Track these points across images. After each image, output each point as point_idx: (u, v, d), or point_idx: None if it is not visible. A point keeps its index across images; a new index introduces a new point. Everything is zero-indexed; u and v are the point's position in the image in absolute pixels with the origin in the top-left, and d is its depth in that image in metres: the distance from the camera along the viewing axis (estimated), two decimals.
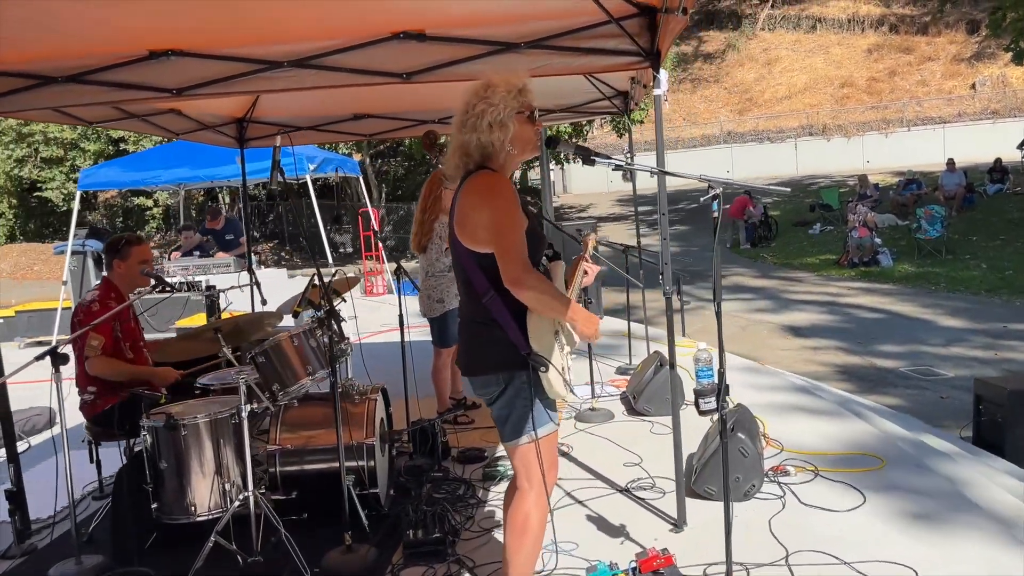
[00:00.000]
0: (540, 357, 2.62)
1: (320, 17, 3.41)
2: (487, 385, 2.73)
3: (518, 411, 2.70)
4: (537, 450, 2.70)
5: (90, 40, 3.50)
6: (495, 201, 2.62)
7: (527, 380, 2.66)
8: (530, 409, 2.68)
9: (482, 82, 2.69)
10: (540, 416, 2.70)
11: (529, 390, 2.67)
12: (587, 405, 5.63)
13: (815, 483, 4.13)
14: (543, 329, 2.67)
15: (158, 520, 3.55)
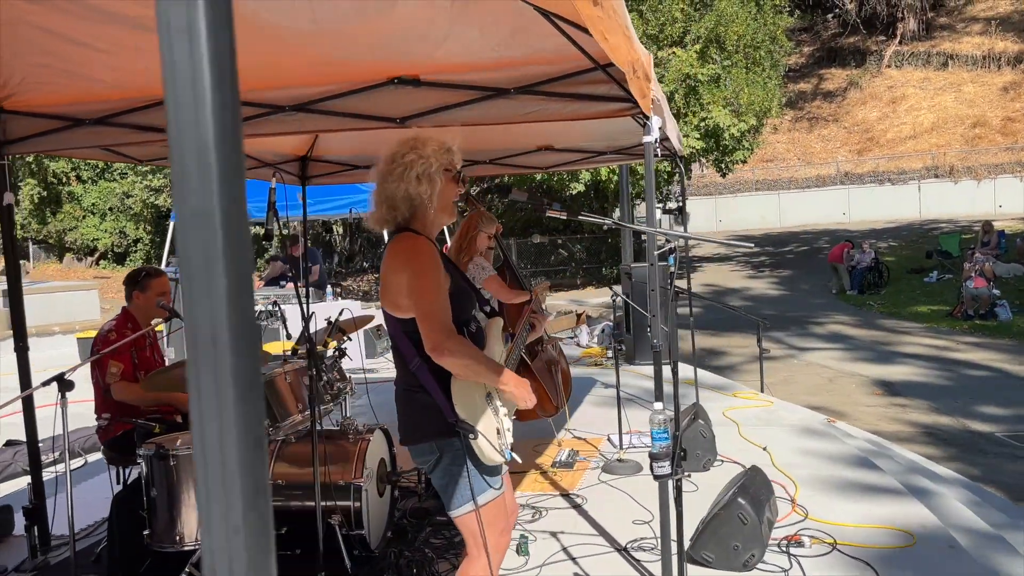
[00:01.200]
0: (466, 424, 2.52)
1: (320, 63, 3.51)
2: (422, 454, 2.66)
3: (456, 480, 2.61)
4: (478, 519, 2.61)
5: (112, 86, 3.72)
6: (413, 264, 2.54)
7: (462, 447, 2.58)
8: (468, 478, 2.60)
9: (412, 134, 2.65)
10: (478, 484, 2.60)
11: (464, 458, 2.58)
12: (616, 456, 5.45)
13: (829, 557, 3.82)
14: (469, 394, 2.58)
15: (149, 547, 3.66)
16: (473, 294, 2.80)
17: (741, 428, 6.28)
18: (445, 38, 3.23)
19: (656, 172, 19.97)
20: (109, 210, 33.09)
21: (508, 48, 3.24)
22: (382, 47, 3.39)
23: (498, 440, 2.63)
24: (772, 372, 10.48)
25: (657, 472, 2.69)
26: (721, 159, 21.61)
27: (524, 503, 4.72)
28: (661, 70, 19.69)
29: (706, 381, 8.41)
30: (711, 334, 14.09)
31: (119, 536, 3.80)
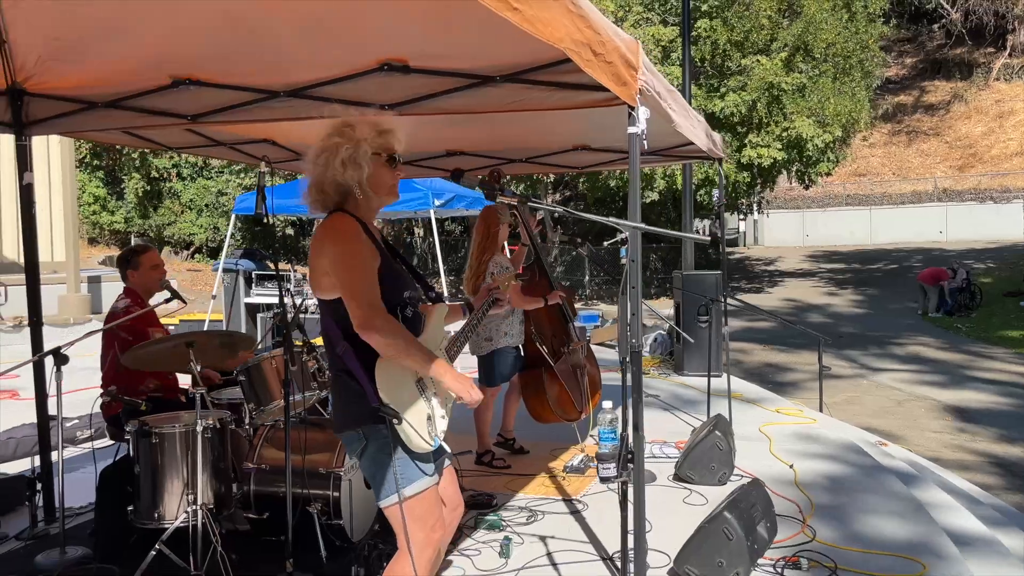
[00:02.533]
0: (390, 409, 2.44)
1: (311, 46, 3.51)
2: (350, 442, 2.58)
3: (382, 468, 2.52)
4: (410, 511, 2.52)
5: (122, 68, 3.82)
6: (336, 244, 2.48)
7: (388, 434, 2.49)
8: (395, 465, 2.51)
9: (342, 119, 2.57)
10: (408, 472, 2.52)
11: (391, 444, 2.50)
12: None
13: None
14: (395, 378, 2.49)
15: (133, 523, 3.72)
16: (410, 278, 2.71)
17: (773, 444, 5.98)
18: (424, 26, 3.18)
19: (734, 181, 19.38)
20: (205, 206, 34.47)
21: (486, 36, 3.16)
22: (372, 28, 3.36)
23: (427, 426, 2.53)
24: (837, 391, 10.02)
25: (603, 474, 2.55)
26: (804, 171, 20.87)
27: (522, 506, 4.60)
28: (744, 78, 19.19)
29: (750, 394, 8.10)
30: (780, 350, 13.60)
31: (106, 511, 3.88)
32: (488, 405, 5.45)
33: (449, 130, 5.78)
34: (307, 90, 3.72)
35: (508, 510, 4.55)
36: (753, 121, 19.31)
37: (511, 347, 5.30)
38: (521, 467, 5.35)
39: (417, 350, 2.47)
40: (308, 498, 3.79)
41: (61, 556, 3.79)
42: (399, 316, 2.55)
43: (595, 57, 2.63)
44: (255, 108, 3.84)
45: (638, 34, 19.08)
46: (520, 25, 2.00)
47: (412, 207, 9.50)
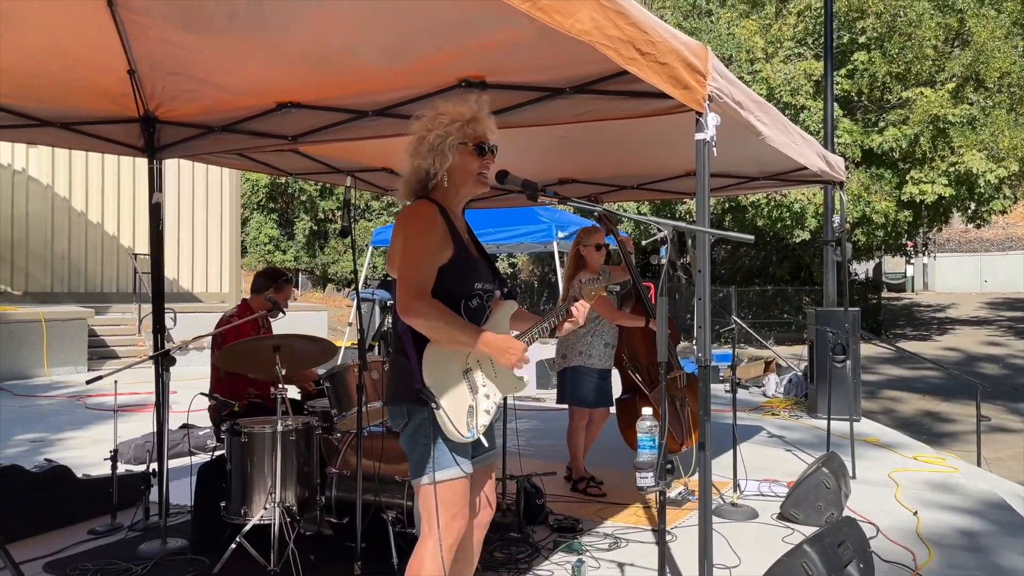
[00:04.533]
0: (428, 392, 2.47)
1: (395, 67, 3.67)
2: (395, 417, 2.66)
3: (419, 448, 2.58)
4: (434, 494, 2.54)
5: (234, 95, 4.15)
6: (408, 228, 2.60)
7: (428, 417, 2.53)
8: (431, 449, 2.54)
9: (434, 110, 2.68)
10: (442, 458, 2.54)
11: (429, 428, 2.54)
12: (731, 499, 4.98)
13: None
14: (442, 364, 2.53)
15: (225, 518, 3.93)
16: (486, 270, 2.75)
17: (900, 490, 5.48)
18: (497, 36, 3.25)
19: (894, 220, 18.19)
20: (366, 246, 36.46)
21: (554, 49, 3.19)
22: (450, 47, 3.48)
23: (467, 417, 2.53)
24: (1003, 446, 9.12)
25: (640, 483, 2.44)
26: (976, 209, 19.30)
27: (607, 532, 4.47)
28: (905, 111, 18.11)
29: (888, 439, 7.49)
30: (942, 400, 12.53)
31: (202, 506, 4.12)
32: (578, 429, 5.37)
33: (561, 158, 5.84)
34: (392, 108, 3.88)
35: (592, 535, 4.43)
36: (916, 156, 18.13)
37: (589, 368, 5.20)
38: (615, 496, 5.20)
39: (460, 331, 2.50)
40: (382, 505, 3.86)
41: (161, 546, 4.05)
42: (462, 304, 2.60)
43: (641, 56, 2.59)
44: (347, 127, 4.05)
45: (788, 69, 18.52)
46: (532, 13, 2.01)
47: (536, 239, 9.58)
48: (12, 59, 3.68)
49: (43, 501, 4.33)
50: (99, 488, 4.60)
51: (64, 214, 15.85)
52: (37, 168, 15.50)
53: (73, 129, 4.36)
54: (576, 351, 5.19)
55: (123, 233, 16.60)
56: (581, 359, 5.21)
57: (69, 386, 10.78)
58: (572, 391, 5.25)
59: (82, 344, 12.42)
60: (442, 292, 2.56)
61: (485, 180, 2.69)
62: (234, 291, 15.78)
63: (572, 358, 5.20)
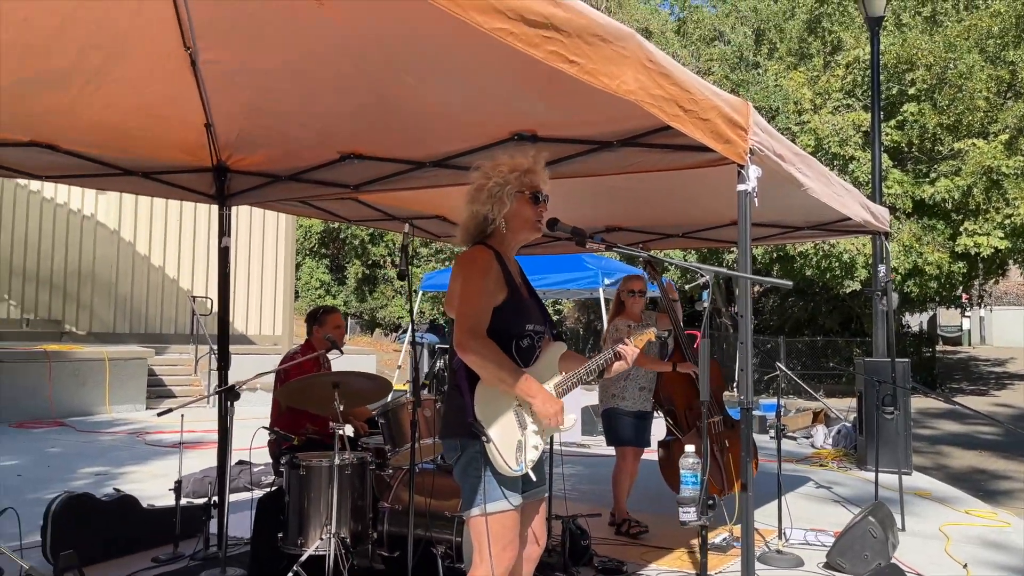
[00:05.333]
0: (480, 426, 2.63)
1: (451, 121, 3.92)
2: (448, 450, 2.80)
3: (470, 481, 2.71)
4: (485, 526, 2.67)
5: (300, 147, 4.44)
6: (465, 271, 2.78)
7: (480, 450, 2.67)
8: (482, 481, 2.68)
9: (492, 161, 2.88)
10: (492, 491, 2.68)
11: (480, 461, 2.68)
12: (775, 547, 4.99)
13: None
14: (495, 400, 2.68)
15: (282, 548, 4.10)
16: (537, 312, 2.91)
17: (950, 543, 5.42)
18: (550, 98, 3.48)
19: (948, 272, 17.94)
20: (414, 292, 36.97)
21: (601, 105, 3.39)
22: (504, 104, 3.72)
23: (516, 453, 2.67)
24: None
25: (682, 517, 2.54)
26: None
27: (652, 575, 4.52)
28: (957, 163, 17.97)
29: (940, 493, 7.37)
30: (997, 455, 12.20)
31: (260, 536, 4.30)
32: (622, 470, 5.47)
33: (607, 207, 6.02)
34: (449, 160, 4.12)
35: (637, 574, 4.49)
36: (969, 207, 17.92)
37: (624, 410, 5.39)
38: (660, 540, 5.24)
39: (509, 374, 2.65)
40: (433, 540, 3.99)
41: (221, 574, 4.22)
42: (514, 344, 2.77)
43: (684, 113, 2.77)
44: (406, 177, 4.30)
45: (836, 120, 18.57)
46: (580, 77, 2.21)
47: (582, 285, 9.72)
48: (103, 116, 4.02)
49: (111, 528, 4.56)
50: (162, 518, 4.81)
51: (128, 257, 16.52)
52: (105, 214, 16.23)
53: (153, 178, 4.69)
54: (610, 394, 5.41)
55: (183, 276, 17.22)
56: (615, 401, 5.41)
57: (129, 423, 11.16)
58: (610, 431, 5.47)
59: (142, 383, 12.86)
60: (495, 332, 2.73)
61: (539, 227, 2.87)
62: (287, 334, 16.20)
63: (607, 401, 5.42)
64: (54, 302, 15.68)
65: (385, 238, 35.51)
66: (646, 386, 5.46)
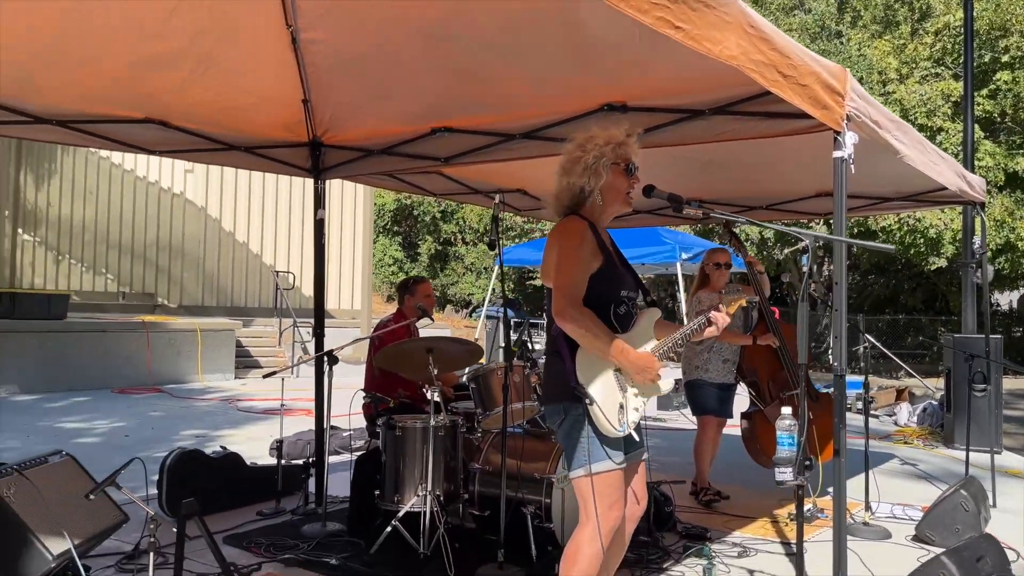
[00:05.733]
0: (583, 390, 2.71)
1: (542, 93, 4.00)
2: (552, 415, 2.90)
3: (574, 442, 2.80)
4: (591, 485, 2.76)
5: (393, 122, 4.60)
6: (562, 242, 2.85)
7: (583, 413, 2.77)
8: (586, 442, 2.77)
9: (586, 133, 2.94)
10: (596, 451, 2.77)
11: (584, 423, 2.77)
12: (862, 519, 4.97)
13: None
14: (595, 363, 2.76)
15: (379, 504, 4.30)
16: (630, 280, 2.98)
17: None
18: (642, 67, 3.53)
19: None
20: (484, 269, 37.27)
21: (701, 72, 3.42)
22: (595, 75, 3.79)
23: (618, 414, 2.75)
24: None
25: (778, 477, 2.60)
26: None
27: (736, 542, 4.57)
28: None
29: None
30: None
31: (358, 493, 4.51)
32: (705, 440, 5.52)
33: (691, 180, 6.02)
34: (538, 132, 4.20)
35: (720, 544, 4.55)
36: None
37: (707, 382, 5.43)
38: (742, 509, 5.28)
39: (607, 340, 2.72)
40: (523, 501, 4.13)
41: (322, 528, 4.46)
42: (612, 310, 2.84)
43: (783, 78, 2.78)
44: (495, 150, 4.40)
45: (924, 90, 17.91)
46: (685, 43, 2.25)
47: (659, 260, 9.69)
48: (210, 95, 4.24)
49: (219, 483, 4.84)
50: (265, 475, 5.08)
51: (215, 234, 17.15)
52: (193, 192, 16.87)
53: (254, 153, 4.91)
54: (693, 366, 5.45)
55: (266, 252, 17.79)
56: (698, 373, 5.44)
57: (220, 391, 11.68)
58: (693, 402, 5.53)
59: (230, 353, 13.40)
60: (592, 299, 2.81)
61: (631, 199, 2.93)
62: (366, 309, 16.59)
63: (691, 373, 5.47)
64: (148, 276, 16.42)
65: (456, 215, 35.84)
66: (729, 358, 5.48)
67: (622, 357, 2.74)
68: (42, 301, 11.48)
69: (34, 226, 15.17)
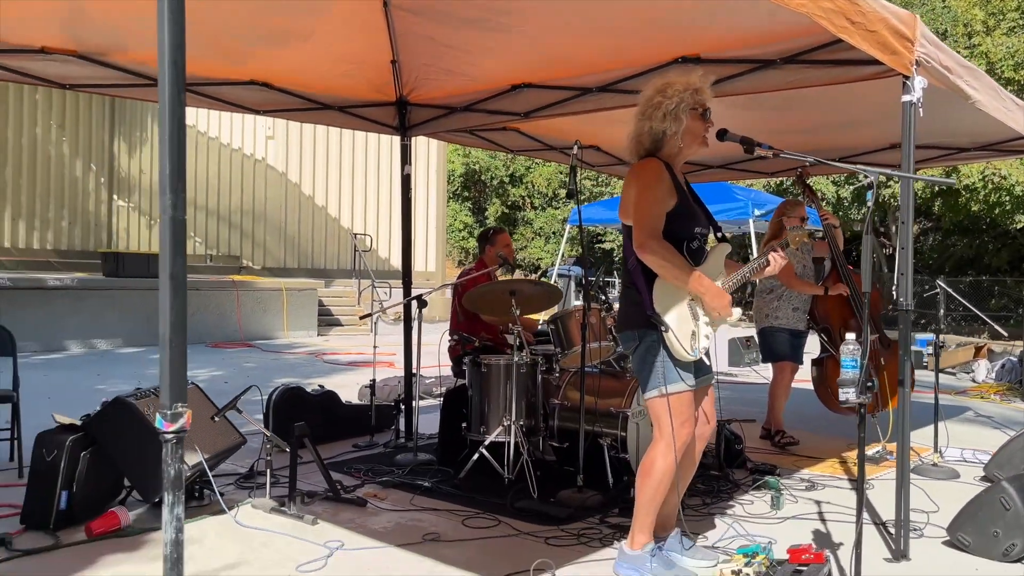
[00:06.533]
0: (659, 318, 2.97)
1: (617, 48, 4.21)
2: (627, 341, 3.17)
3: (648, 366, 3.07)
4: (667, 404, 3.03)
5: (476, 80, 4.87)
6: (640, 181, 3.08)
7: (657, 339, 3.03)
8: (660, 366, 3.04)
9: (663, 79, 3.15)
10: (670, 374, 3.03)
11: (659, 348, 3.03)
12: (931, 460, 5.11)
13: None
14: (670, 295, 3.01)
15: (466, 436, 4.66)
16: (703, 217, 3.21)
17: None
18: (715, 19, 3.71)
19: None
20: (552, 233, 37.47)
21: (771, 23, 3.59)
22: (669, 29, 3.98)
23: (691, 341, 3.01)
24: None
25: (842, 396, 2.81)
26: None
27: (804, 478, 4.78)
28: None
29: None
30: None
31: (446, 425, 4.88)
32: (779, 383, 5.70)
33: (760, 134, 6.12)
34: (615, 84, 4.41)
35: (789, 478, 4.76)
36: None
37: (779, 328, 5.59)
38: (811, 452, 5.46)
39: (682, 271, 2.97)
40: (600, 434, 4.42)
41: (413, 458, 4.85)
42: (685, 246, 3.08)
43: (852, 25, 2.94)
44: (573, 103, 4.63)
45: (1012, 42, 17.22)
46: None
47: (731, 216, 9.75)
48: (309, 60, 4.59)
49: (318, 417, 5.26)
50: (359, 412, 5.51)
51: (295, 198, 17.80)
52: (274, 157, 17.52)
53: (347, 112, 5.26)
54: (764, 314, 5.63)
55: (343, 215, 18.39)
56: (769, 320, 5.62)
57: (305, 346, 12.32)
58: (766, 348, 5.70)
59: (313, 311, 14.04)
60: (669, 234, 3.04)
61: (706, 141, 3.14)
62: (440, 271, 17.11)
63: (761, 320, 5.64)
64: (233, 239, 17.19)
65: (525, 180, 36.02)
66: (799, 306, 5.63)
67: (699, 286, 2.98)
68: (142, 261, 12.23)
69: (128, 192, 16.03)
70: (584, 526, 3.78)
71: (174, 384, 1.53)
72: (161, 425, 1.49)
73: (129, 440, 3.60)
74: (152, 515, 3.73)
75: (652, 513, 3.12)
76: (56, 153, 14.98)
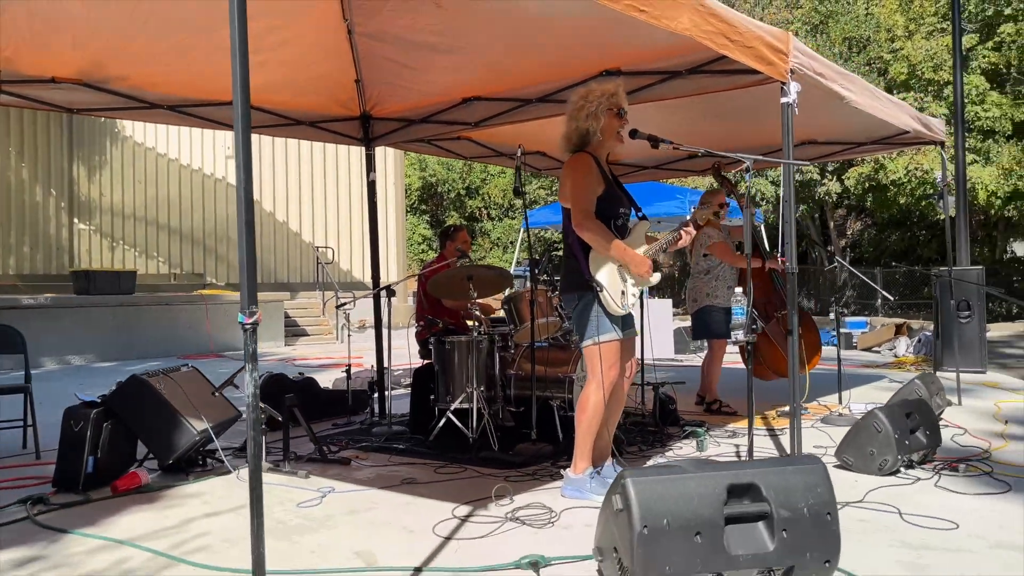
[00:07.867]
0: (596, 281, 3.69)
1: (552, 64, 4.93)
2: (568, 301, 3.89)
3: (585, 320, 3.78)
4: (598, 351, 3.74)
5: (431, 95, 5.56)
6: (575, 172, 3.81)
7: (593, 298, 3.74)
8: (595, 319, 3.75)
9: (586, 87, 3.89)
10: (603, 325, 3.75)
11: (594, 304, 3.74)
12: (839, 412, 5.89)
13: (975, 478, 4.10)
14: (602, 262, 3.73)
15: (434, 406, 5.30)
16: (626, 200, 3.93)
17: (1000, 411, 6.20)
18: (630, 39, 4.45)
19: None
20: (510, 243, 38.28)
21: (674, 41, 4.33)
22: (594, 47, 4.71)
23: (621, 298, 3.73)
24: None
25: (734, 337, 3.54)
26: None
27: (729, 430, 5.52)
28: None
29: (1008, 384, 8.06)
30: None
31: (416, 398, 5.53)
32: (715, 359, 6.43)
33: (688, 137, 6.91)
34: (551, 95, 5.13)
35: (716, 429, 5.50)
36: None
37: (718, 307, 6.27)
38: (741, 415, 6.22)
39: (612, 244, 3.69)
40: (550, 397, 5.11)
41: (388, 429, 5.49)
42: (612, 223, 3.79)
43: (731, 43, 3.69)
44: (516, 112, 5.34)
45: (930, 45, 18.46)
46: (649, 22, 3.17)
47: (672, 212, 10.56)
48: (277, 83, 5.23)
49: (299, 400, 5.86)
50: (336, 396, 6.15)
51: (257, 215, 17.99)
52: (234, 176, 17.94)
53: (316, 126, 5.91)
54: (703, 294, 6.31)
55: (303, 230, 18.90)
56: (709, 300, 6.30)
57: (275, 354, 12.82)
58: (707, 327, 6.33)
59: (280, 322, 14.54)
60: (598, 213, 3.76)
61: (622, 137, 3.87)
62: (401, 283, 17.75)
63: (702, 300, 6.31)
64: (196, 256, 17.59)
65: (481, 191, 36.77)
66: (732, 284, 6.37)
67: (624, 255, 3.70)
68: (112, 278, 12.64)
69: (88, 215, 16.34)
70: (538, 468, 4.47)
71: (249, 294, 2.12)
72: (242, 320, 2.10)
73: (146, 411, 4.20)
74: (165, 477, 4.33)
75: (590, 441, 3.82)
76: (16, 179, 15.28)
